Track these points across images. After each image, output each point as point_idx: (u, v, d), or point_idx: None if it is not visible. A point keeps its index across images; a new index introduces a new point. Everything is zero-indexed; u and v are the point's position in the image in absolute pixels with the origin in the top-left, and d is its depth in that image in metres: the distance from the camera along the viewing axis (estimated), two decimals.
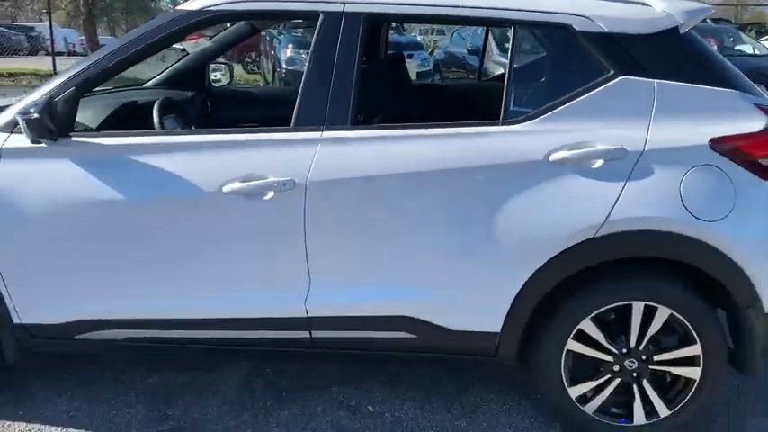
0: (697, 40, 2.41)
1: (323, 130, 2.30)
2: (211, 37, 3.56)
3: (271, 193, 2.28)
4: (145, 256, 2.37)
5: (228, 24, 3.46)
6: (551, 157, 2.23)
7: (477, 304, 2.35)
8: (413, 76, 8.77)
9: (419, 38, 14.01)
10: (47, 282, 2.43)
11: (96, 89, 2.74)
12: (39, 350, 2.60)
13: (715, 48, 10.69)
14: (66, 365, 2.86)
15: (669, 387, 2.42)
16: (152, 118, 2.74)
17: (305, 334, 2.44)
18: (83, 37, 27.31)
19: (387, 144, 2.30)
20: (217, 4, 2.40)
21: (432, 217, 2.29)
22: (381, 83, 3.24)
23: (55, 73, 14.72)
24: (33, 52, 27.32)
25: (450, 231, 2.28)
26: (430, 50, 12.22)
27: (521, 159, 2.25)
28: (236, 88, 4.48)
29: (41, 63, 16.78)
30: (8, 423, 2.51)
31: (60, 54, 16.27)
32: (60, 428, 2.49)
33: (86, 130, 2.59)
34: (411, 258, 2.33)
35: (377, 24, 3.15)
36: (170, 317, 2.44)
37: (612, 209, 2.20)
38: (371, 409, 2.65)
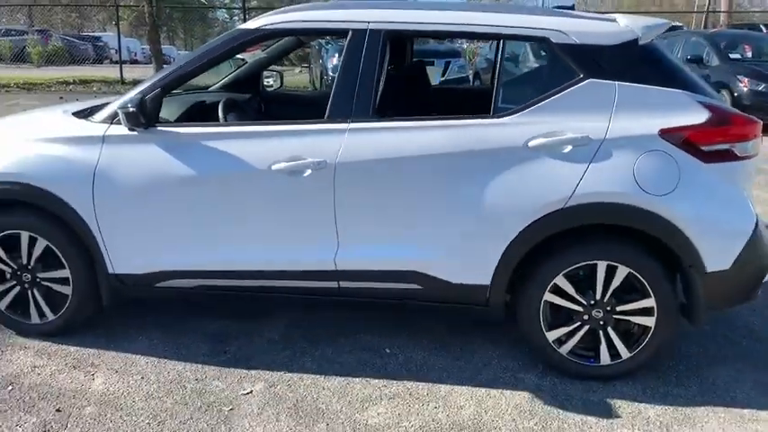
0: (656, 49, 2.95)
1: (349, 122, 2.93)
2: (265, 48, 4.22)
3: (308, 171, 2.91)
4: (210, 220, 3.04)
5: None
6: (530, 144, 2.80)
7: (472, 261, 2.92)
8: (451, 82, 9.38)
9: (464, 46, 14.56)
10: (135, 239, 3.11)
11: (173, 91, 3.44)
12: (126, 295, 3.29)
13: (749, 53, 10.99)
14: (144, 313, 3.55)
15: (629, 333, 2.94)
16: (217, 113, 3.43)
17: (334, 284, 3.06)
18: (144, 46, 28.77)
19: (400, 133, 2.91)
20: (269, 24, 3.06)
21: (436, 190, 2.88)
22: (400, 85, 3.85)
23: (122, 79, 15.86)
24: (99, 60, 28.95)
25: (450, 202, 2.87)
26: (470, 59, 12.89)
27: (505, 145, 2.82)
28: (284, 91, 5.16)
29: (108, 70, 17.97)
30: (102, 352, 3.20)
31: (124, 62, 17.47)
32: (141, 356, 3.17)
33: (167, 122, 3.27)
34: (419, 224, 2.92)
35: (397, 38, 3.75)
36: (229, 268, 3.10)
37: (578, 185, 2.76)
38: (388, 351, 3.24)
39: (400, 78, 3.77)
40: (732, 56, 10.91)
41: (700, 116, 2.78)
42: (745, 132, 2.83)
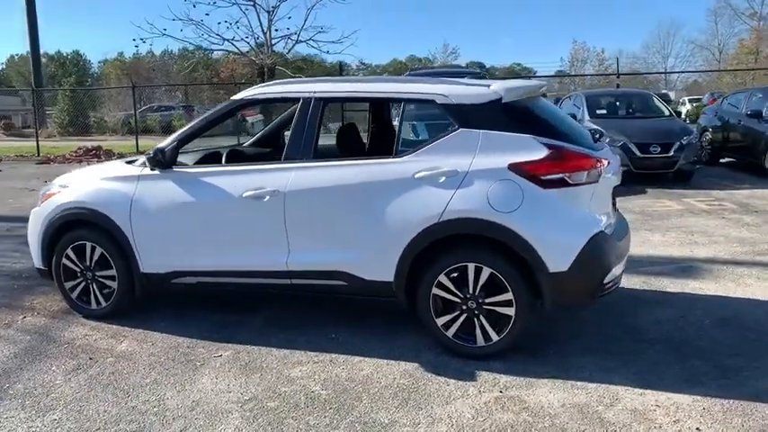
0: (519, 105, 3.90)
1: (296, 162, 4.11)
2: (261, 112, 5.53)
3: (267, 197, 4.10)
4: (203, 233, 4.29)
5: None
6: (416, 176, 3.83)
7: (379, 263, 3.93)
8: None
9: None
10: (157, 247, 4.42)
11: (210, 147, 4.79)
12: (152, 289, 4.58)
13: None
14: (166, 304, 4.83)
15: (497, 321, 3.80)
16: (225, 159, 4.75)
17: (288, 281, 4.18)
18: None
19: (330, 169, 4.04)
20: (248, 96, 4.37)
21: (353, 210, 3.95)
22: (338, 135, 4.91)
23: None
24: (238, 132, 32.36)
25: (363, 218, 3.93)
26: None
27: (400, 177, 3.86)
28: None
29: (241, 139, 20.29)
30: (131, 329, 4.48)
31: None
32: (156, 332, 4.41)
33: (182, 165, 4.60)
34: (342, 235, 4.00)
35: (331, 103, 4.48)
36: (217, 269, 4.31)
37: (447, 205, 3.74)
38: (333, 336, 4.27)
39: (340, 130, 4.89)
40: None
41: (539, 153, 3.69)
42: (578, 165, 3.69)
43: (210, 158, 4.99)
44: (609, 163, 3.91)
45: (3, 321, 4.70)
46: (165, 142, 4.47)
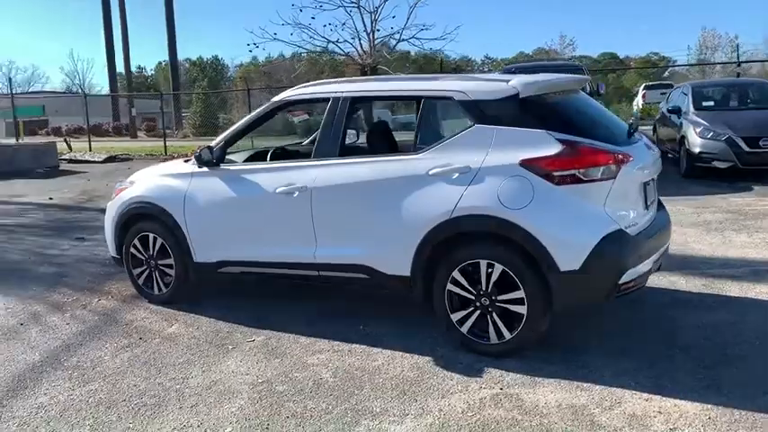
0: (537, 100, 3.84)
1: (323, 159, 4.29)
2: (309, 113, 5.74)
3: (297, 193, 4.31)
4: (244, 226, 4.58)
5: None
6: (430, 172, 3.89)
7: (398, 258, 4.02)
8: None
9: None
10: (207, 238, 4.77)
11: (263, 146, 5.09)
12: (203, 277, 4.95)
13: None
14: (216, 293, 5.19)
15: (510, 318, 3.77)
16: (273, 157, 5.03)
17: (316, 273, 4.38)
18: (395, 116, 32.46)
19: (354, 165, 4.19)
20: (285, 97, 4.60)
21: (373, 205, 4.07)
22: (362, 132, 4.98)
23: None
24: None
25: (381, 214, 4.04)
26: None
27: (416, 173, 3.93)
28: None
29: None
30: (184, 313, 4.87)
31: None
32: (204, 317, 4.76)
33: (230, 162, 4.92)
34: (365, 230, 4.13)
35: (359, 102, 4.59)
36: (256, 260, 4.59)
37: (459, 201, 3.76)
38: (361, 327, 4.42)
39: (369, 128, 4.97)
40: None
41: (553, 149, 3.62)
42: (593, 161, 3.59)
43: (259, 157, 5.29)
44: (633, 159, 3.76)
45: (81, 303, 5.27)
46: (214, 142, 4.80)
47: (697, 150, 10.16)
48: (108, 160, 19.09)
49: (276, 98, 4.71)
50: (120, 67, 42.49)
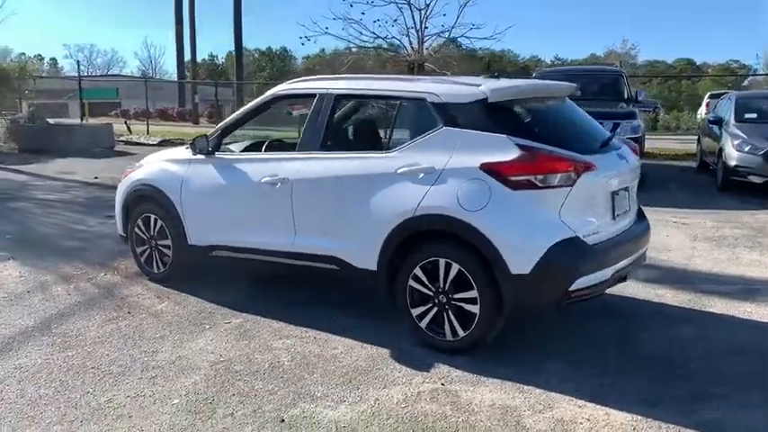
0: (505, 105, 3.90)
1: (304, 152, 4.46)
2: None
3: (279, 184, 4.49)
4: (232, 212, 4.79)
5: None
6: (398, 171, 4.00)
7: (366, 252, 4.15)
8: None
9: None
10: (199, 222, 5.02)
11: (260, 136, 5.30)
12: (196, 259, 5.19)
13: None
14: (208, 275, 5.43)
15: (465, 317, 3.85)
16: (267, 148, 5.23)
17: (294, 261, 4.55)
18: None
19: (328, 161, 4.34)
20: (277, 91, 4.79)
21: (345, 200, 4.22)
22: (342, 128, 5.03)
23: None
24: None
25: (352, 209, 4.18)
26: None
27: (385, 171, 4.06)
28: None
29: None
30: (175, 292, 5.13)
31: None
32: (193, 297, 5.01)
33: (226, 151, 5.13)
34: (337, 223, 4.28)
35: (343, 99, 4.70)
36: (242, 246, 4.80)
37: (422, 200, 3.86)
38: (333, 317, 4.57)
39: (344, 125, 5.06)
40: None
41: (511, 154, 3.68)
42: (550, 168, 3.63)
43: (256, 147, 5.49)
44: (596, 168, 3.77)
45: (88, 276, 5.61)
46: (212, 131, 5.04)
47: (733, 163, 9.86)
48: (162, 143, 19.79)
49: (269, 92, 4.90)
50: (189, 55, 43.75)
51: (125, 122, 23.76)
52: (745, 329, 4.36)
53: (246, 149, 5.33)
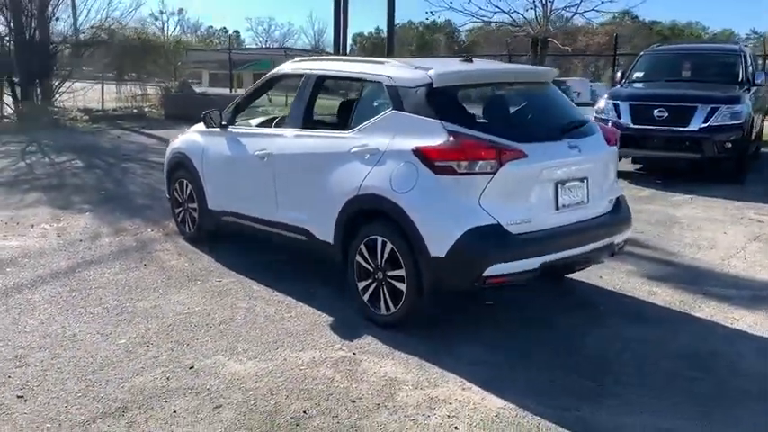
0: (450, 90, 3.97)
1: (288, 129, 4.80)
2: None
3: (267, 158, 4.88)
4: (234, 180, 5.27)
5: None
6: (351, 150, 4.22)
7: (326, 226, 4.42)
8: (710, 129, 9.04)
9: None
10: (215, 188, 5.55)
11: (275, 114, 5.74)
12: (213, 224, 5.74)
13: None
14: (237, 239, 5.95)
15: (395, 293, 4.01)
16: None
17: (277, 231, 4.94)
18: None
19: (302, 138, 4.65)
20: (277, 72, 5.16)
21: (314, 176, 4.51)
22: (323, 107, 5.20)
23: None
24: None
25: (317, 184, 4.46)
26: None
27: (341, 150, 4.29)
28: None
29: None
30: (195, 251, 5.73)
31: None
32: (208, 257, 5.58)
33: (237, 125, 5.58)
34: (307, 197, 4.59)
35: (322, 80, 4.87)
36: (241, 213, 5.28)
37: (363, 180, 4.06)
38: (311, 290, 4.90)
39: (320, 104, 5.24)
40: None
41: (439, 140, 3.76)
42: (473, 154, 3.67)
43: (268, 123, 5.89)
44: (528, 156, 3.74)
45: (135, 231, 6.40)
46: (226, 108, 5.53)
47: None
48: None
49: (271, 71, 5.28)
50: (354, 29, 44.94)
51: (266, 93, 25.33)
52: (710, 336, 4.09)
53: (260, 125, 5.77)
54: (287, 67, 5.21)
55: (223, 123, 5.43)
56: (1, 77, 15.69)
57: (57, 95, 17.13)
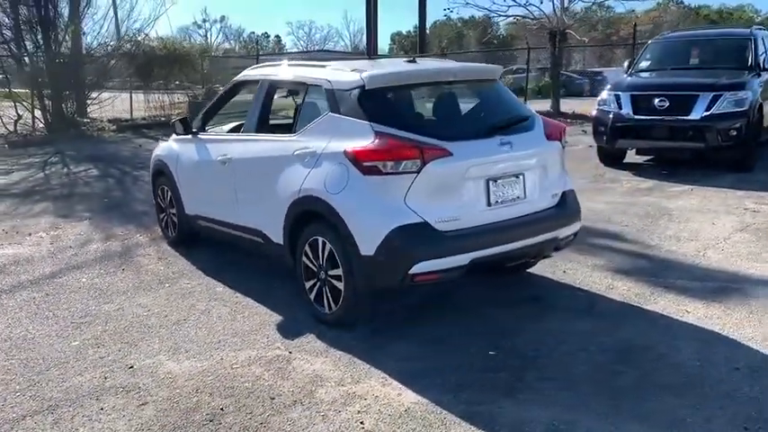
0: (381, 92, 4.03)
1: (244, 134, 4.94)
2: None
3: (227, 163, 5.04)
4: (200, 185, 5.44)
5: None
6: (294, 153, 4.33)
7: (276, 227, 4.54)
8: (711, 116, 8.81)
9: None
10: (188, 193, 5.74)
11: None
12: (190, 228, 5.93)
13: None
14: (216, 244, 6.13)
15: (336, 291, 4.10)
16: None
17: (238, 233, 5.09)
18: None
19: (254, 143, 4.78)
20: (237, 79, 5.30)
21: (264, 179, 4.63)
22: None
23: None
24: (594, 95, 31.40)
25: (268, 187, 4.58)
26: None
27: (287, 153, 4.40)
28: None
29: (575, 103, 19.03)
30: (177, 255, 5.93)
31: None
32: (184, 260, 5.77)
33: (204, 132, 5.73)
34: (260, 200, 4.72)
35: (273, 86, 4.99)
36: (211, 217, 5.45)
37: (303, 182, 4.17)
38: (275, 285, 5.04)
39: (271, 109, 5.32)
40: None
41: (366, 141, 3.84)
42: (397, 154, 3.73)
43: (237, 129, 6.02)
44: (453, 155, 3.78)
45: (125, 237, 6.65)
46: (197, 117, 5.71)
47: None
48: None
49: (235, 78, 5.43)
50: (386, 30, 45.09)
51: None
52: (651, 330, 4.04)
53: (230, 131, 5.93)
54: (247, 74, 5.35)
55: (193, 130, 5.61)
56: (32, 92, 16.30)
57: (86, 107, 17.73)
